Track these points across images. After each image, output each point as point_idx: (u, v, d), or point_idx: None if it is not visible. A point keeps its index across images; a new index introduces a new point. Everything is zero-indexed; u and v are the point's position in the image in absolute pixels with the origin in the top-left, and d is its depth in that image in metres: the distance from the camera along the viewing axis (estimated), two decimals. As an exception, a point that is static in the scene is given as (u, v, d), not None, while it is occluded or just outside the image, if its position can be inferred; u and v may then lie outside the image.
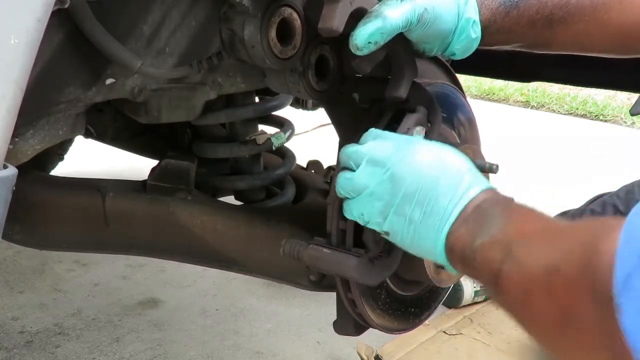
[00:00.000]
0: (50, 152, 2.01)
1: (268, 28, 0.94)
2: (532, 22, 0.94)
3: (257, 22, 0.93)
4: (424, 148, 0.85)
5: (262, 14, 0.93)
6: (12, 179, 0.70)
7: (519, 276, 0.68)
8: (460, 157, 0.85)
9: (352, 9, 0.83)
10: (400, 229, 0.82)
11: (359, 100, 1.09)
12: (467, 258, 0.76)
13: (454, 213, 0.78)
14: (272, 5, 0.93)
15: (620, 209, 2.24)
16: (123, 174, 2.27)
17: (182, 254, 1.27)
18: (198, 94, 1.09)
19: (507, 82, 6.23)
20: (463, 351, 1.93)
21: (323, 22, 0.82)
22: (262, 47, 0.94)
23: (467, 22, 0.91)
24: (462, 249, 0.77)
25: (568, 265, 0.61)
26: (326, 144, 2.20)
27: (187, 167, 1.26)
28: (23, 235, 1.20)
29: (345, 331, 1.10)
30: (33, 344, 1.98)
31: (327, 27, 0.82)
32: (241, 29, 0.94)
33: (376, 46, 0.85)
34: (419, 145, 0.85)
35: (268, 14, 0.93)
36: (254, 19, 0.93)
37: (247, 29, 0.94)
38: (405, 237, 0.83)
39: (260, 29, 0.93)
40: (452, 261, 0.80)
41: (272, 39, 0.95)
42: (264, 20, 0.93)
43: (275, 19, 0.95)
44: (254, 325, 2.17)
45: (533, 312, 0.66)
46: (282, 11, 0.95)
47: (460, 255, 0.78)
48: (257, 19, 0.93)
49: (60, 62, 0.86)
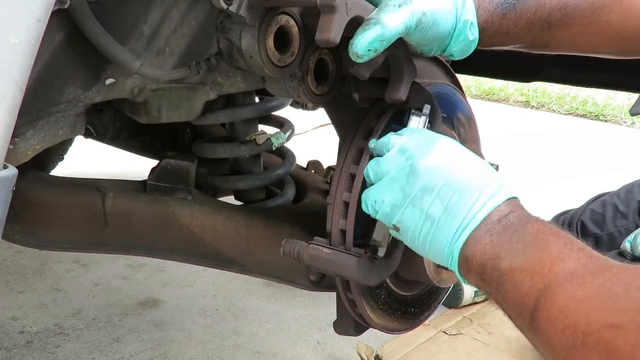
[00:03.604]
0: (50, 152, 2.01)
1: (265, 37, 0.93)
2: (530, 24, 0.94)
3: (254, 32, 0.92)
4: (455, 146, 0.85)
5: (259, 23, 0.92)
6: (12, 179, 0.70)
7: (564, 323, 0.63)
8: (486, 163, 0.84)
9: (348, 18, 0.83)
10: (414, 224, 0.80)
11: (359, 100, 1.09)
12: (489, 277, 0.73)
13: (479, 216, 0.75)
14: (268, 14, 0.93)
15: (620, 208, 2.24)
16: (123, 174, 2.26)
17: (182, 254, 1.27)
18: (198, 94, 1.09)
19: (507, 82, 6.24)
20: (463, 351, 1.93)
21: (320, 33, 0.82)
22: (260, 56, 0.94)
23: (464, 24, 0.91)
24: (483, 263, 0.73)
25: (635, 326, 0.57)
26: (326, 144, 2.20)
27: (187, 167, 1.26)
28: (23, 235, 1.20)
29: (345, 331, 1.10)
30: (33, 344, 1.98)
31: (324, 38, 0.81)
32: (238, 39, 0.94)
33: (376, 53, 0.84)
34: (451, 142, 0.85)
35: (265, 23, 0.93)
36: (251, 29, 0.92)
37: (245, 39, 0.93)
38: (417, 234, 0.80)
39: (257, 39, 0.93)
40: (465, 271, 0.77)
41: (269, 48, 0.94)
42: (261, 29, 0.93)
43: (273, 27, 0.94)
44: (254, 325, 2.17)
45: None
46: (279, 19, 0.94)
47: (480, 270, 0.74)
48: (254, 29, 0.92)
49: (60, 62, 0.86)
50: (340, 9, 0.81)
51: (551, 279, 0.67)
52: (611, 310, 0.60)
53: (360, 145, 0.97)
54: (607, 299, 0.61)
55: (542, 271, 0.68)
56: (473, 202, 0.76)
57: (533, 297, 0.67)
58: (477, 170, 0.81)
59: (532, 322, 0.67)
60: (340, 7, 0.81)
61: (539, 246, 0.71)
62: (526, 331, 0.70)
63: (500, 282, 0.71)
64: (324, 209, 0.98)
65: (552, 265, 0.68)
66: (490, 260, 0.73)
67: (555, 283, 0.66)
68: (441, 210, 0.78)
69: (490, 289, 0.74)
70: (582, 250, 0.70)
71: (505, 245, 0.73)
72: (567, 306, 0.63)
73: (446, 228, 0.77)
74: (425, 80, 1.10)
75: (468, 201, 0.77)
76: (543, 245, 0.71)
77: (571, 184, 3.64)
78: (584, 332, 0.61)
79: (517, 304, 0.69)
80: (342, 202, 0.95)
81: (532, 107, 6.13)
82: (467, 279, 0.78)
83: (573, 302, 0.63)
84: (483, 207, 0.76)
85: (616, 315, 0.59)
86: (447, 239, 0.77)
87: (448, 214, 0.77)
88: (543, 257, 0.69)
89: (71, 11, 0.82)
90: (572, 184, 3.65)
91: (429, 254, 0.82)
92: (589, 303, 0.62)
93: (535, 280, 0.68)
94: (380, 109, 1.00)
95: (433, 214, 0.78)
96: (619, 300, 0.61)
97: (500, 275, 0.71)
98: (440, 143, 0.84)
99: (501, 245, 0.73)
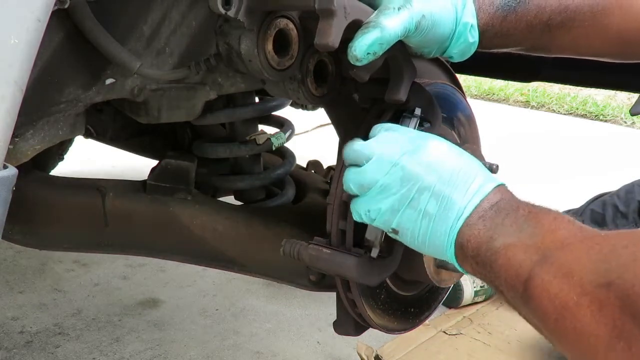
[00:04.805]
0: (50, 152, 2.01)
1: (265, 41, 0.93)
2: (531, 26, 0.94)
3: (253, 37, 0.92)
4: (437, 142, 0.84)
5: (257, 27, 0.92)
6: (12, 179, 0.70)
7: (558, 287, 0.65)
8: (471, 155, 0.85)
9: (347, 22, 0.83)
10: (412, 224, 0.81)
11: (359, 101, 1.09)
12: (483, 257, 0.75)
13: (469, 206, 0.77)
14: (267, 18, 0.92)
15: (620, 208, 2.24)
16: (123, 174, 2.27)
17: (182, 254, 1.27)
18: (198, 94, 1.09)
19: (507, 82, 6.24)
20: (463, 351, 1.93)
21: (319, 37, 0.82)
22: (259, 60, 0.93)
23: (464, 26, 0.91)
24: (477, 246, 0.75)
25: (622, 281, 0.59)
26: (326, 144, 2.20)
27: (187, 167, 1.26)
28: (23, 235, 1.20)
29: (345, 331, 1.10)
30: (33, 344, 1.98)
31: (323, 42, 0.81)
32: (237, 43, 0.94)
33: (375, 56, 0.84)
34: (432, 139, 0.85)
35: (264, 27, 0.92)
36: (250, 33, 0.92)
37: (244, 43, 0.93)
38: (417, 233, 0.81)
39: (256, 43, 0.92)
40: (462, 259, 0.78)
41: (269, 52, 0.94)
42: (260, 33, 0.92)
43: (272, 31, 0.94)
44: (254, 325, 2.17)
45: (576, 326, 0.63)
46: (277, 23, 0.94)
47: (474, 254, 0.76)
48: (253, 33, 0.92)
49: (60, 62, 0.86)
50: (338, 13, 0.81)
51: (544, 250, 0.69)
52: (601, 270, 0.62)
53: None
54: (597, 260, 0.64)
55: (535, 244, 0.70)
56: (464, 192, 0.78)
57: (527, 268, 0.69)
58: (465, 163, 0.82)
59: (525, 291, 0.69)
60: (338, 11, 0.81)
61: (531, 224, 0.73)
62: (518, 302, 0.71)
63: (493, 259, 0.73)
64: (324, 209, 0.98)
65: (544, 238, 0.70)
66: (484, 242, 0.75)
67: (548, 253, 0.68)
68: (436, 206, 0.79)
69: (484, 269, 0.75)
70: (572, 222, 0.73)
71: (499, 227, 0.75)
72: (559, 271, 0.65)
73: (442, 222, 0.79)
74: (425, 81, 1.10)
75: (459, 192, 0.79)
76: (534, 222, 0.73)
77: (571, 184, 3.64)
78: (578, 294, 0.63)
79: (511, 277, 0.71)
80: (342, 202, 0.95)
81: (532, 107, 6.13)
82: (463, 267, 0.80)
83: (565, 266, 0.65)
84: (474, 196, 0.78)
85: (606, 274, 0.61)
86: (444, 232, 0.79)
87: (443, 208, 0.79)
88: (535, 232, 0.72)
89: (71, 11, 0.82)
90: (572, 184, 3.65)
91: (429, 251, 0.83)
92: (581, 266, 0.64)
93: (529, 253, 0.70)
94: (380, 109, 1.00)
95: (430, 211, 0.79)
96: (607, 259, 0.63)
97: (493, 253, 0.73)
98: (425, 140, 0.84)
99: (494, 229, 0.75)
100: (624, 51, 1.00)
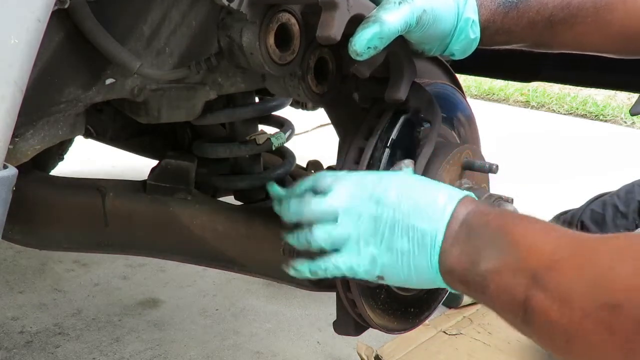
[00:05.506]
0: (50, 152, 2.01)
1: (266, 35, 0.94)
2: (532, 22, 0.94)
3: (255, 29, 0.92)
4: (393, 178, 0.83)
5: (260, 20, 0.92)
6: (12, 179, 0.70)
7: (559, 312, 0.63)
8: (428, 180, 0.84)
9: (349, 15, 0.83)
10: (394, 266, 0.80)
11: (359, 100, 1.09)
12: (473, 284, 0.74)
13: (440, 232, 0.76)
14: (269, 11, 0.93)
15: (620, 208, 2.24)
16: (123, 174, 2.27)
17: (182, 254, 1.27)
18: (198, 94, 1.09)
19: (507, 82, 6.24)
20: (463, 351, 1.93)
21: (321, 30, 0.82)
22: (260, 54, 0.94)
23: (466, 22, 0.91)
24: (463, 273, 0.75)
25: (632, 304, 0.58)
26: (326, 144, 2.20)
27: (187, 167, 1.26)
28: (23, 235, 1.20)
29: (345, 331, 1.10)
30: (33, 344, 1.98)
31: (325, 35, 0.82)
32: (239, 36, 0.94)
33: (375, 51, 0.84)
34: (386, 178, 0.83)
35: (266, 21, 0.93)
36: (252, 26, 0.92)
37: (245, 36, 0.93)
38: (400, 273, 0.80)
39: (258, 36, 0.93)
40: (453, 285, 0.78)
41: (270, 45, 0.94)
42: (262, 27, 0.93)
43: (274, 25, 0.94)
44: (254, 325, 2.17)
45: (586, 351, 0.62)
46: (280, 17, 0.94)
47: (463, 280, 0.75)
48: (255, 26, 0.92)
49: (60, 62, 0.86)
50: (341, 6, 0.81)
51: (534, 270, 0.67)
52: (600, 291, 0.61)
53: (360, 145, 0.97)
54: (592, 281, 0.62)
55: (519, 267, 0.69)
56: (429, 218, 0.77)
57: (520, 292, 0.68)
58: (424, 188, 0.81)
59: (525, 315, 0.68)
60: (341, 5, 0.81)
61: (508, 240, 0.72)
62: (521, 326, 0.71)
63: (485, 285, 0.72)
64: (324, 209, 0.97)
65: (528, 257, 0.69)
66: (468, 269, 0.74)
67: (539, 274, 0.67)
68: (408, 241, 0.78)
69: (477, 294, 0.75)
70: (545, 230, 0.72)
71: (476, 250, 0.74)
72: (557, 296, 0.64)
73: (421, 255, 0.78)
74: (425, 80, 1.10)
75: (425, 220, 0.77)
76: (510, 238, 0.72)
77: (571, 184, 3.64)
78: (580, 317, 0.62)
79: (506, 302, 0.70)
80: None
81: (532, 107, 6.13)
82: (458, 290, 0.79)
83: (561, 291, 0.64)
84: (440, 220, 0.77)
85: (609, 295, 0.60)
86: (426, 265, 0.78)
87: (416, 241, 0.78)
88: (514, 251, 0.71)
89: (71, 11, 0.82)
90: (572, 184, 3.65)
91: (419, 284, 0.82)
92: (578, 289, 0.63)
93: (518, 277, 0.69)
94: (380, 108, 1.00)
95: (405, 248, 0.78)
96: (605, 278, 0.61)
97: (482, 279, 0.73)
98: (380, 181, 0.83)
99: (473, 253, 0.74)
100: (626, 47, 1.00)
